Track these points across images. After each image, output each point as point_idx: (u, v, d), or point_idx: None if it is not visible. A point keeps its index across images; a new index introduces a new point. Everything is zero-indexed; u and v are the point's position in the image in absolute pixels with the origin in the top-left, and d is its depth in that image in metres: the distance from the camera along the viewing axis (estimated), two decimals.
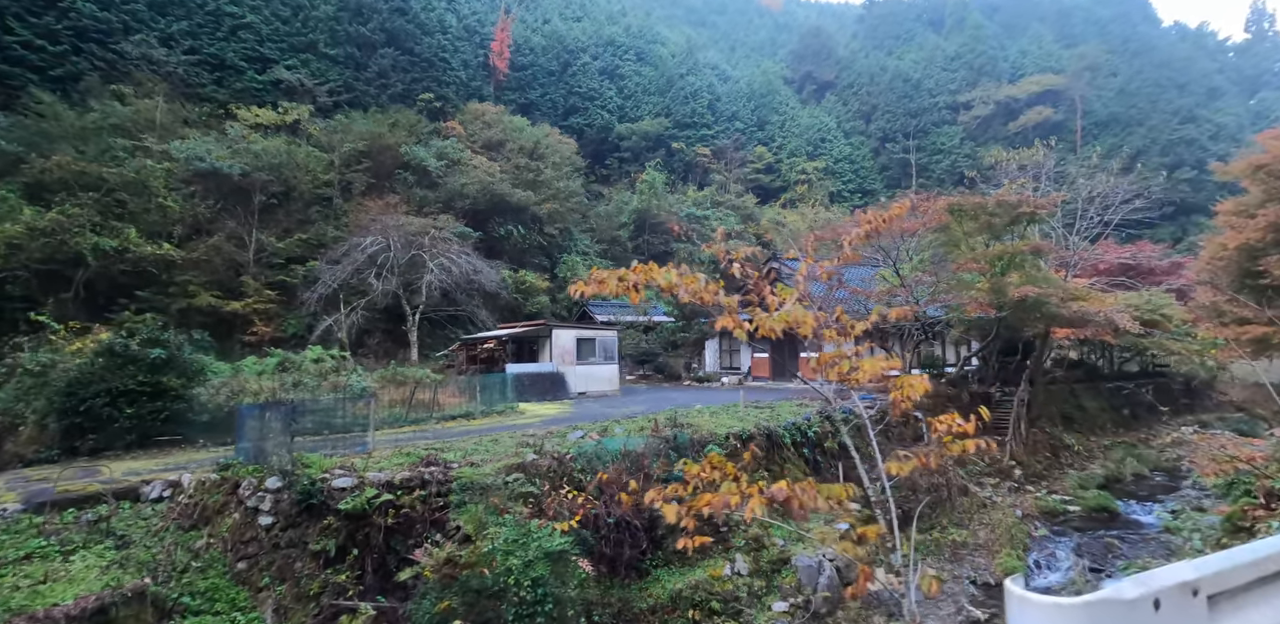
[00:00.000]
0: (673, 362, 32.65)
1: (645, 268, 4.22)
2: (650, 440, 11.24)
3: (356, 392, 16.51)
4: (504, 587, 6.13)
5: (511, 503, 7.79)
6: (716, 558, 10.41)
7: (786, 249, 33.55)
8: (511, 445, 11.63)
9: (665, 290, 4.19)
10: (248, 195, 31.85)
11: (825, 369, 4.46)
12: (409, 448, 11.10)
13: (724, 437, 12.13)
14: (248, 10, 40.48)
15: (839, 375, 4.57)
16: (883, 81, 72.81)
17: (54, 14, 33.61)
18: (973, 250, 18.63)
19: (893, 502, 13.97)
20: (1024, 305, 16.91)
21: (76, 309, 26.59)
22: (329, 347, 29.30)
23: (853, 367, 4.43)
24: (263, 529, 8.29)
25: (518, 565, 6.22)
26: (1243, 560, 1.75)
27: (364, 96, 44.67)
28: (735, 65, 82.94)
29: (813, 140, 70.22)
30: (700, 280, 4.28)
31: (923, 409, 18.49)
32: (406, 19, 48.64)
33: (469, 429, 14.53)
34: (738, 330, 4.26)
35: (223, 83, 38.82)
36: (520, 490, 8.04)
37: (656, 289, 4.34)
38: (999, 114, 67.05)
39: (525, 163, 45.53)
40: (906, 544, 14.06)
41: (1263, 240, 13.05)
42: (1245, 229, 13.53)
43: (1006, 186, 19.51)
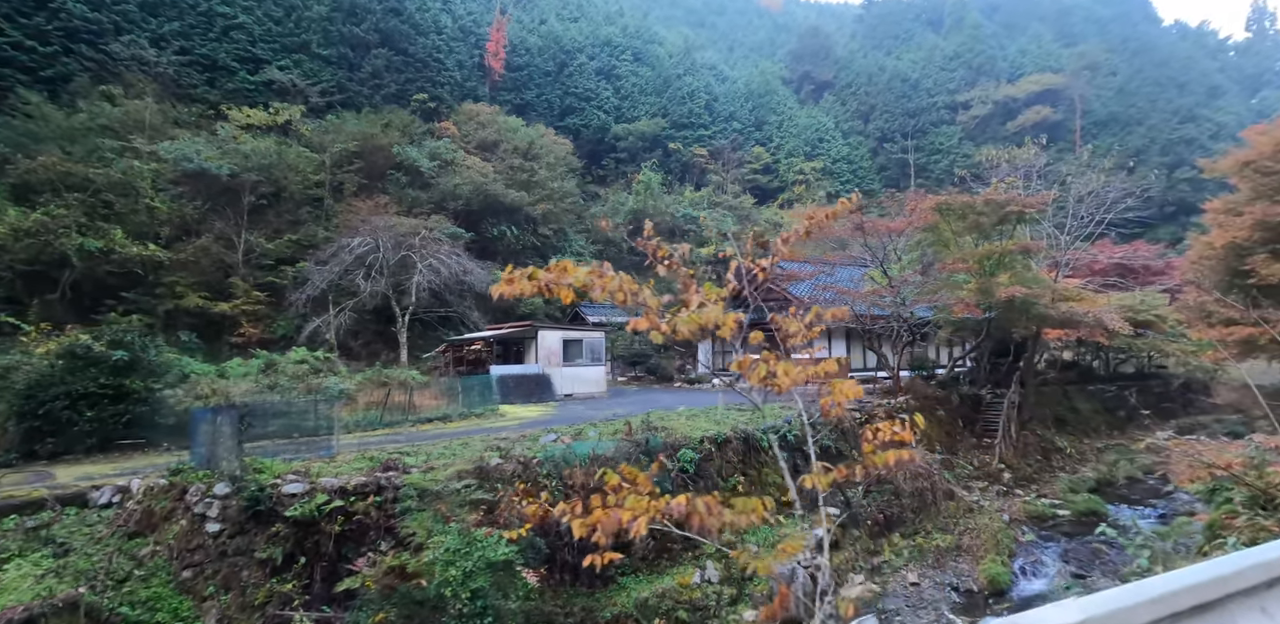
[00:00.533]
0: (665, 363, 32.42)
1: (559, 266, 3.95)
2: (621, 444, 10.99)
3: (333, 394, 16.28)
4: (443, 598, 5.88)
5: (460, 510, 7.53)
6: (686, 565, 10.16)
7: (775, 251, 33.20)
8: (480, 449, 11.39)
9: (584, 289, 3.91)
10: (237, 196, 31.66)
11: (748, 373, 4.18)
12: (374, 451, 10.86)
13: (698, 440, 11.86)
14: (240, 11, 40.36)
15: (759, 380, 4.27)
16: (881, 81, 72.50)
17: (44, 15, 33.49)
18: (961, 250, 18.36)
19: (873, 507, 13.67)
20: (1012, 306, 16.64)
21: (64, 310, 26.42)
22: (318, 348, 29.17)
23: (770, 371, 4.11)
24: (209, 536, 8.06)
25: (457, 576, 5.97)
26: (1130, 601, 1.56)
27: (357, 97, 44.55)
28: (733, 66, 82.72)
29: (810, 140, 69.93)
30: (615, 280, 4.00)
31: (910, 411, 18.30)
32: (401, 20, 48.51)
33: (444, 432, 14.29)
34: (654, 333, 3.97)
35: (214, 83, 38.69)
36: (471, 497, 7.78)
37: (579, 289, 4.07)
38: (998, 114, 66.68)
39: (519, 163, 45.32)
40: (888, 549, 13.81)
41: (1250, 239, 12.73)
42: (1232, 227, 13.21)
43: (994, 185, 19.23)
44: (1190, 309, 14.18)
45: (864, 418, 16.35)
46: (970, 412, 20.25)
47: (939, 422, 18.83)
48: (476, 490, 7.97)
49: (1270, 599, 1.72)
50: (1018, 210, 16.77)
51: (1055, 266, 19.27)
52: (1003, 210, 16.59)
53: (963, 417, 20.01)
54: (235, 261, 31.06)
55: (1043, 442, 20.17)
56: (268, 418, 10.70)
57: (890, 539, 13.55)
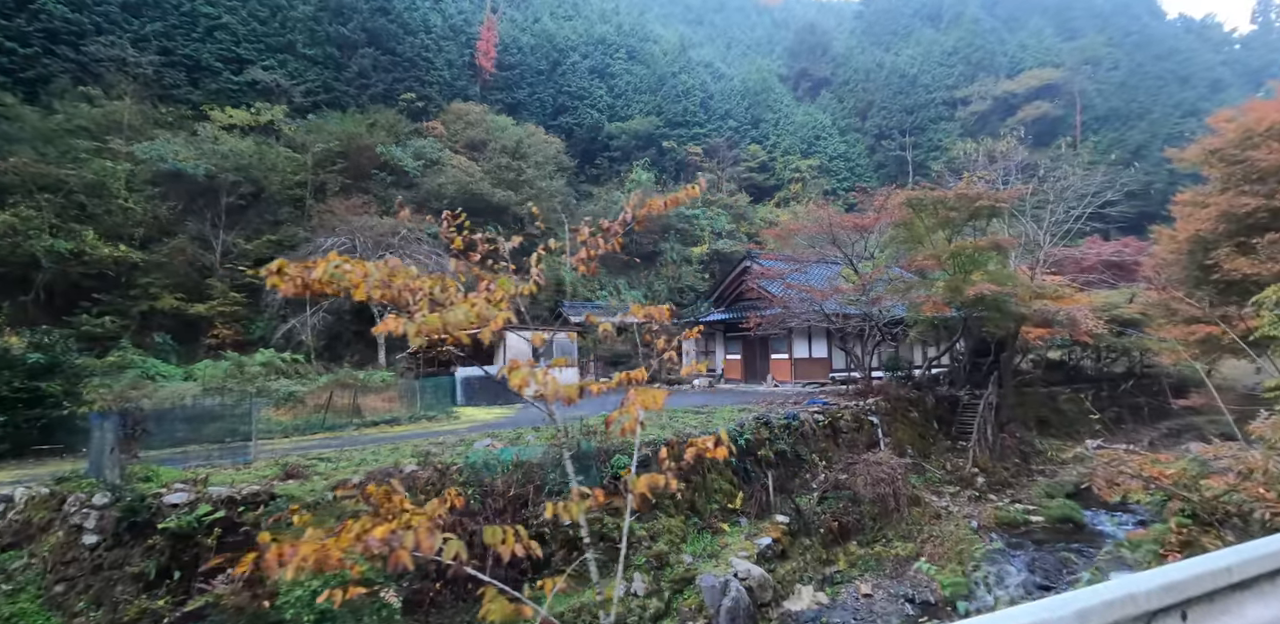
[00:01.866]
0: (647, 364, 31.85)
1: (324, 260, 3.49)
2: (550, 450, 10.51)
3: (281, 396, 15.90)
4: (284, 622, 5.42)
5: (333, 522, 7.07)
6: (612, 577, 9.62)
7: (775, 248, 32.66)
8: (408, 454, 10.98)
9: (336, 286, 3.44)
10: (215, 196, 31.43)
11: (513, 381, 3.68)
12: (295, 458, 10.45)
13: (635, 447, 11.34)
14: (224, 11, 40.15)
15: (536, 391, 3.79)
16: (879, 78, 71.67)
17: (25, 16, 33.37)
18: (935, 247, 17.78)
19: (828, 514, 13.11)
20: (983, 303, 16.05)
21: (37, 312, 26.26)
22: (295, 350, 28.87)
23: (544, 379, 3.63)
24: (86, 549, 7.65)
25: (304, 597, 5.51)
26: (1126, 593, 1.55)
27: (343, 97, 44.30)
28: (731, 63, 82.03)
29: (807, 138, 69.22)
30: (377, 272, 3.54)
31: (881, 413, 17.75)
32: (389, 19, 48.20)
33: (385, 436, 13.87)
34: (415, 339, 3.46)
35: (198, 84, 38.49)
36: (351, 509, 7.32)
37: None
38: (997, 109, 65.73)
39: (506, 162, 44.93)
40: (843, 559, 13.26)
41: (1214, 231, 12.05)
42: (1196, 219, 12.54)
43: (966, 179, 18.62)
44: (1155, 307, 13.48)
45: (828, 421, 15.78)
46: (946, 413, 19.66)
47: (911, 424, 18.27)
48: (357, 502, 7.49)
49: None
50: (989, 205, 16.18)
51: (1034, 264, 18.64)
52: (973, 205, 16.00)
53: (938, 419, 19.42)
54: (213, 262, 30.82)
55: (1021, 444, 19.53)
56: (180, 423, 10.27)
57: (846, 548, 13.01)
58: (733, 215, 60.82)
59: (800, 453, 14.60)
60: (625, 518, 4.10)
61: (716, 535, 11.47)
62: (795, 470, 14.17)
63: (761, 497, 12.58)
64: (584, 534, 4.17)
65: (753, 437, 13.33)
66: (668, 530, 10.84)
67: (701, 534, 11.32)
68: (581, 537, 3.87)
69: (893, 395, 18.22)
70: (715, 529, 11.59)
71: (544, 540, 9.42)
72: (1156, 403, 24.99)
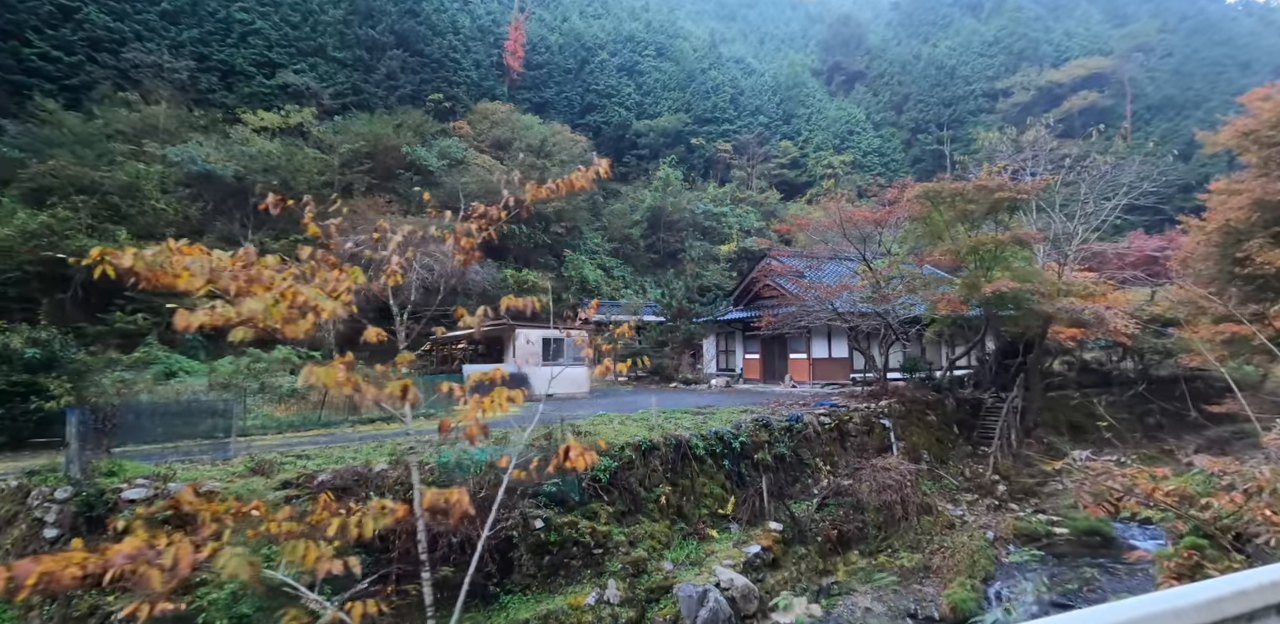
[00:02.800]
0: (668, 363, 31.45)
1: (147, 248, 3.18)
2: (527, 451, 10.17)
3: (285, 392, 16.04)
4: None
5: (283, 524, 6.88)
6: (585, 584, 9.29)
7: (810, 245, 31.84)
8: (389, 452, 10.82)
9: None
10: (244, 197, 32.21)
11: None
12: (274, 454, 10.38)
13: (619, 447, 10.97)
14: (257, 17, 41.25)
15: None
16: (915, 70, 69.59)
17: (70, 26, 34.83)
18: (954, 241, 16.90)
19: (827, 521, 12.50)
20: (1002, 301, 15.14)
21: (75, 310, 27.32)
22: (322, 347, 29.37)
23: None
24: (47, 542, 7.66)
25: (220, 600, 5.31)
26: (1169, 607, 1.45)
27: (372, 99, 45.01)
28: (763, 59, 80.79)
29: (840, 133, 67.66)
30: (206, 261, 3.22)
31: (894, 416, 16.96)
32: (417, 21, 48.86)
33: (375, 433, 13.80)
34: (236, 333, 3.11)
35: (232, 88, 39.61)
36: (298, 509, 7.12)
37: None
38: (1040, 101, 62.99)
39: (532, 161, 45.00)
40: (842, 569, 12.64)
41: (1247, 220, 10.89)
42: (1227, 208, 11.41)
43: (985, 170, 17.61)
44: (1184, 305, 12.32)
45: (834, 423, 15.11)
46: (968, 417, 18.71)
47: (928, 428, 17.42)
48: (303, 502, 7.30)
49: None
50: (1010, 197, 15.24)
51: (1064, 259, 17.55)
52: (992, 197, 15.08)
53: (958, 423, 18.49)
54: None
55: (1049, 451, 18.43)
56: (172, 417, 10.33)
57: (847, 557, 12.37)
58: (762, 213, 59.82)
59: (802, 457, 13.99)
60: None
61: (704, 542, 11.00)
62: (796, 475, 13.57)
63: (755, 502, 12.04)
64: (421, 550, 3.82)
65: (749, 439, 12.79)
66: (650, 536, 10.43)
67: (687, 540, 10.87)
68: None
69: (908, 398, 17.39)
70: (703, 535, 11.12)
71: (513, 546, 9.13)
72: (1204, 408, 23.36)
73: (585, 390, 23.04)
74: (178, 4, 38.41)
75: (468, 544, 8.86)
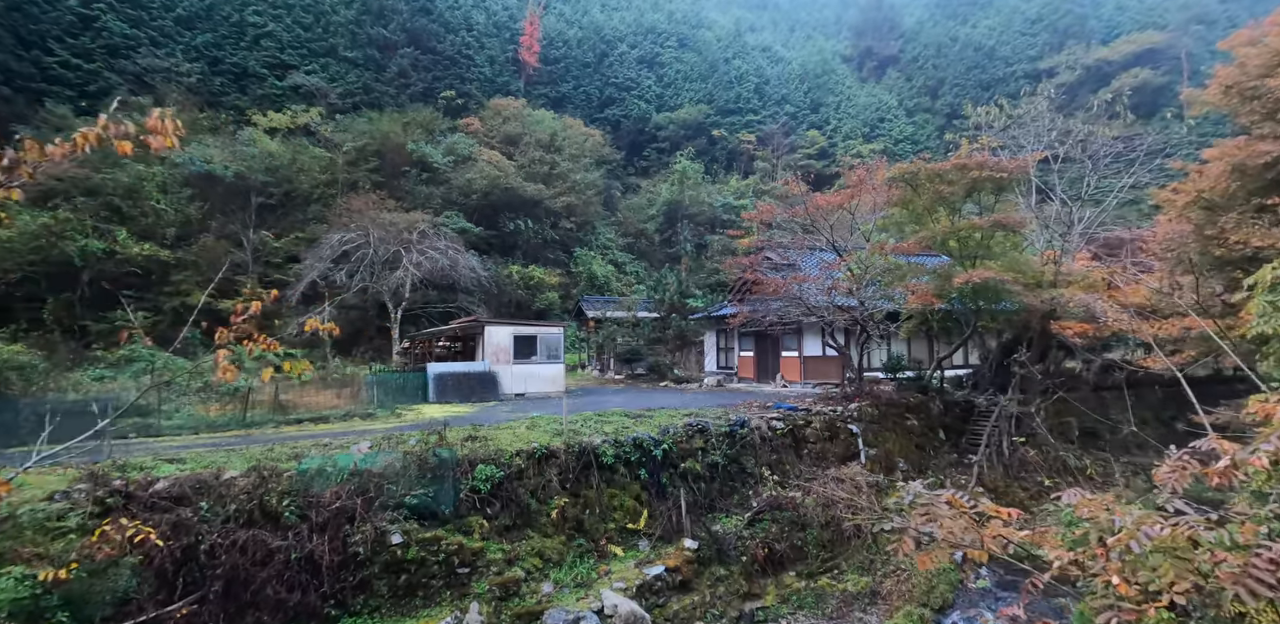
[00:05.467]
0: (659, 362, 30.33)
1: None
2: (401, 457, 9.36)
3: (225, 392, 15.71)
4: None
5: (44, 538, 6.22)
6: (445, 607, 8.40)
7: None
8: (284, 455, 10.18)
9: None
10: (246, 196, 32.62)
11: None
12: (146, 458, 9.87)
13: (509, 455, 10.02)
14: (270, 19, 41.90)
15: None
16: (952, 52, 66.09)
17: (89, 34, 35.99)
18: (937, 227, 15.29)
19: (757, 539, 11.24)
20: (980, 294, 13.53)
21: (82, 308, 28.11)
22: (315, 345, 29.48)
23: None
24: None
25: None
26: None
27: (382, 97, 45.22)
28: (792, 46, 78.31)
29: (870, 121, 64.89)
30: None
31: (865, 420, 15.48)
32: (430, 18, 48.92)
33: (297, 434, 13.25)
34: None
35: (245, 90, 40.36)
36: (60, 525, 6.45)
37: None
38: (1088, 80, 58.76)
39: (540, 156, 44.44)
40: (772, 593, 11.39)
41: (1223, 191, 9.00)
42: (1202, 178, 9.52)
43: (964, 147, 15.86)
44: (1158, 295, 10.46)
45: (787, 428, 13.79)
46: (957, 422, 17.03)
47: (907, 433, 15.86)
48: (71, 516, 6.62)
49: None
50: (992, 176, 13.57)
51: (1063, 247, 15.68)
52: (967, 176, 13.46)
53: (946, 428, 16.84)
54: (244, 260, 31.98)
55: (1049, 460, 16.59)
56: (67, 416, 9.92)
57: (780, 579, 11.12)
58: (787, 205, 57.86)
59: (745, 466, 12.75)
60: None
61: (604, 560, 9.97)
62: (734, 486, 12.35)
63: (673, 516, 10.91)
64: None
65: (673, 446, 11.64)
66: (537, 553, 9.46)
67: (584, 559, 9.85)
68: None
69: (884, 400, 15.84)
70: (604, 553, 10.09)
71: (363, 563, 8.30)
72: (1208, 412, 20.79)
73: (560, 389, 22.20)
74: (192, 9, 39.31)
75: (307, 561, 8.11)
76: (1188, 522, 3.53)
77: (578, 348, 36.60)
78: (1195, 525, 3.47)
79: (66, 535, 6.49)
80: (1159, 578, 3.42)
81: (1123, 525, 3.76)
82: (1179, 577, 3.37)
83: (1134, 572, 3.59)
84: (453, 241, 33.06)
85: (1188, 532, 3.44)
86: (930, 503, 4.55)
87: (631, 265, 48.84)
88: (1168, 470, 4.47)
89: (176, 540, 7.71)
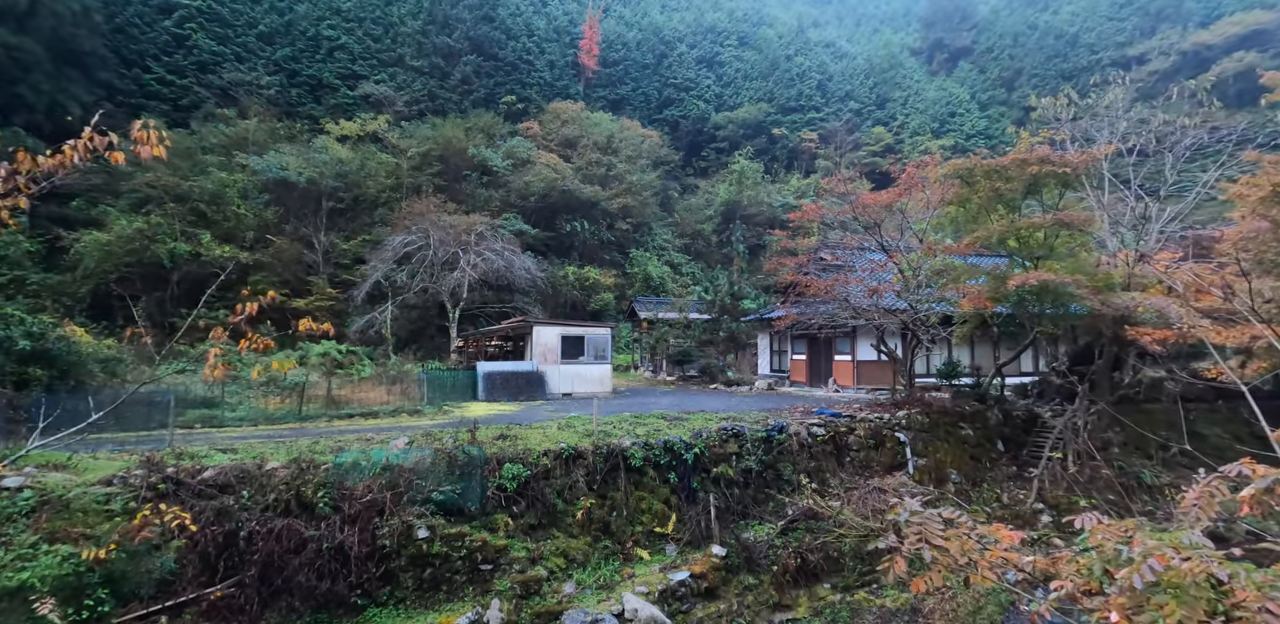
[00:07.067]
0: (714, 363, 30.02)
1: None
2: (432, 454, 9.61)
3: (289, 385, 16.58)
4: None
5: (97, 520, 6.70)
6: (466, 602, 8.56)
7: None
8: (326, 448, 10.65)
9: None
10: (318, 201, 34.43)
11: None
12: (203, 447, 10.52)
13: (537, 455, 10.11)
14: (343, 33, 44.07)
15: None
16: (1030, 41, 62.50)
17: (181, 52, 38.86)
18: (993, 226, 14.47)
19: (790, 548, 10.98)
20: (1041, 296, 12.70)
21: (172, 306, 30.38)
22: (378, 343, 30.80)
23: None
24: None
25: None
26: None
27: (446, 104, 46.74)
28: (857, 41, 76.08)
29: (940, 116, 62.22)
30: None
31: (915, 428, 14.81)
32: (492, 26, 50.22)
33: (346, 428, 13.83)
34: None
35: (319, 100, 42.60)
36: (108, 507, 6.91)
37: None
38: (1184, 67, 54.20)
39: (597, 157, 44.89)
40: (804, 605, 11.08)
41: None
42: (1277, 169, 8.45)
43: (1024, 140, 14.83)
44: (1206, 294, 9.33)
45: (828, 435, 13.34)
46: (1018, 432, 16.04)
47: (960, 443, 15.06)
48: (125, 500, 7.09)
49: None
50: (1054, 171, 12.70)
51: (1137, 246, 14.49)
52: (1026, 172, 12.63)
53: (1005, 438, 15.89)
54: (315, 261, 33.76)
55: (1122, 476, 15.37)
56: (129, 406, 10.77)
57: (813, 591, 10.76)
58: (850, 204, 56.25)
59: (782, 472, 12.41)
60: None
61: (628, 563, 9.91)
62: (769, 493, 12.04)
63: (701, 521, 10.74)
64: None
65: (706, 450, 11.45)
66: (561, 553, 9.50)
67: (609, 561, 9.82)
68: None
69: (936, 407, 15.09)
70: (629, 556, 10.03)
71: (389, 555, 8.56)
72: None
73: (607, 390, 22.31)
74: (273, 26, 41.82)
75: (337, 551, 8.42)
76: (1205, 556, 3.15)
77: (631, 349, 36.72)
78: (1210, 560, 3.09)
79: (114, 518, 6.98)
80: (1164, 618, 3.06)
81: (1129, 557, 3.40)
82: (1186, 618, 3.00)
83: (1139, 609, 3.23)
84: (509, 243, 33.82)
85: (1202, 567, 3.07)
86: (924, 522, 4.26)
87: (688, 266, 48.60)
88: (1194, 497, 4.03)
89: (219, 526, 8.17)
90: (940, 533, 4.17)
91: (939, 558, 4.05)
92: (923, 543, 4.11)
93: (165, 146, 3.76)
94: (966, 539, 4.12)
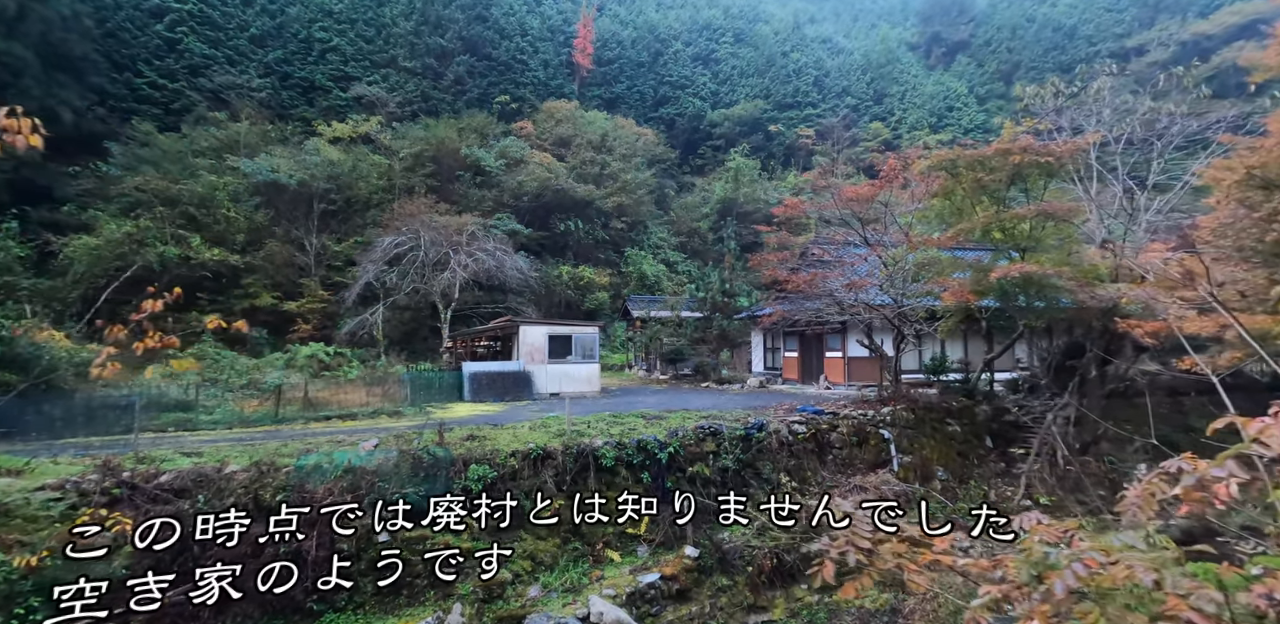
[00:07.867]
0: (707, 361, 29.78)
1: None
2: (395, 456, 9.42)
3: (268, 387, 16.42)
4: None
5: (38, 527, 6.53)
6: (427, 606, 8.36)
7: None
8: (292, 451, 10.48)
9: None
10: (310, 203, 34.31)
11: None
12: (168, 450, 10.36)
13: (504, 455, 9.91)
14: (335, 34, 44.00)
15: None
16: (1028, 34, 62.05)
17: (173, 56, 38.82)
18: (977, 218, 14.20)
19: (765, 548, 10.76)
20: (1026, 289, 12.43)
21: (164, 310, 30.28)
22: (370, 345, 30.65)
23: None
24: None
25: None
26: None
27: (439, 104, 46.61)
28: (854, 36, 75.70)
29: (938, 110, 61.80)
30: None
31: (900, 425, 14.56)
32: (485, 26, 50.05)
33: (321, 430, 13.66)
34: None
35: (312, 102, 42.52)
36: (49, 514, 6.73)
37: None
38: (1183, 57, 53.31)
39: (590, 156, 44.68)
40: (780, 607, 10.83)
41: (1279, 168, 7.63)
42: (1257, 149, 8.15)
43: (1008, 130, 14.55)
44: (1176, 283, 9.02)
45: (809, 433, 13.11)
46: (1007, 428, 15.76)
47: (947, 439, 14.81)
48: (56, 505, 6.91)
49: None
50: (1035, 161, 12.43)
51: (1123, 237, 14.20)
52: (1009, 162, 12.37)
53: (993, 434, 15.62)
54: (307, 263, 33.65)
55: (1112, 472, 15.08)
56: (99, 410, 10.61)
57: (790, 592, 10.54)
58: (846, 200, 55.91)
59: (761, 471, 12.19)
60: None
61: (598, 565, 9.71)
62: (747, 492, 11.80)
63: (675, 522, 10.51)
64: None
65: (681, 449, 11.23)
66: (529, 555, 9.31)
67: (579, 563, 9.62)
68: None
69: (922, 403, 14.83)
70: (600, 558, 9.83)
71: (349, 559, 8.35)
72: None
73: (596, 389, 22.13)
74: (264, 28, 41.77)
75: (295, 556, 8.23)
76: (1133, 560, 2.92)
77: (625, 348, 36.51)
78: (1138, 564, 2.85)
79: (54, 524, 6.81)
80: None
81: (1054, 561, 3.17)
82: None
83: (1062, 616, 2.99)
84: (501, 243, 33.62)
85: (1127, 572, 2.84)
86: (855, 523, 4.04)
87: (684, 265, 48.37)
88: (1134, 495, 3.79)
89: (173, 531, 7.99)
90: (868, 536, 3.94)
91: (865, 562, 3.82)
92: (849, 546, 3.87)
93: (40, 135, 3.54)
94: (896, 542, 3.90)
